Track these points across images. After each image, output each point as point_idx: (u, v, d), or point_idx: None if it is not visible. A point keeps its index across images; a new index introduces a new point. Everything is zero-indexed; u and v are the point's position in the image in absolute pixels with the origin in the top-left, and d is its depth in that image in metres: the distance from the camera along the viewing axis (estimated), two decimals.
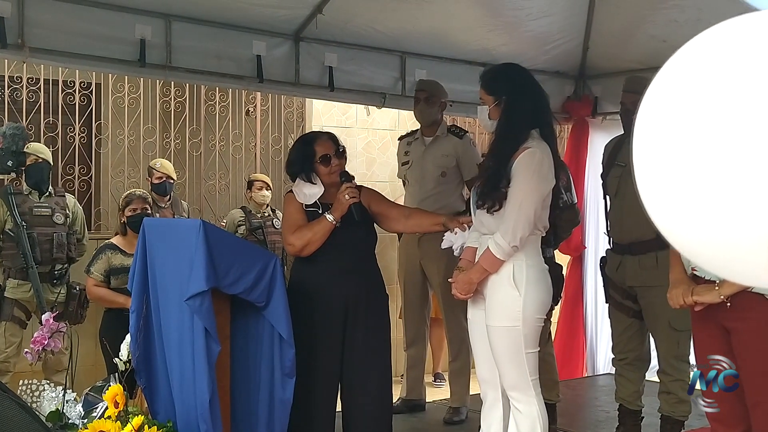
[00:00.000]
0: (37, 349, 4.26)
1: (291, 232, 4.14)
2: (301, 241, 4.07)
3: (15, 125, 5.28)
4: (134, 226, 5.14)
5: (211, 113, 7.69)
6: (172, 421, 3.61)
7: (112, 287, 5.16)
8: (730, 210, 0.83)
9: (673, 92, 0.89)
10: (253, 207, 7.05)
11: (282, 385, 3.73)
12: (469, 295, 3.65)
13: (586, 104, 6.96)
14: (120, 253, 5.18)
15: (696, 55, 0.88)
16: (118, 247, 5.21)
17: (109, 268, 5.16)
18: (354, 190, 4.04)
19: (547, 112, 3.73)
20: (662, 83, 0.91)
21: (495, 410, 3.72)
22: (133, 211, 5.21)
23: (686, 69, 0.88)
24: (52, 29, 4.80)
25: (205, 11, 5.28)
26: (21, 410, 3.88)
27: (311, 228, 4.06)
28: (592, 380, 7.00)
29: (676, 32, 5.90)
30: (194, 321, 3.51)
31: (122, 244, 5.23)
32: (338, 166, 4.14)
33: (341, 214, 4.03)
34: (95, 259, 5.22)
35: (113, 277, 5.15)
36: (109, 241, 5.31)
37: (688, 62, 0.89)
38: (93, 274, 5.17)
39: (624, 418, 4.79)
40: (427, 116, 5.63)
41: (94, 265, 5.19)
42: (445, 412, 5.58)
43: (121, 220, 5.29)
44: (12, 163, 5.20)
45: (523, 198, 3.46)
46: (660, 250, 4.32)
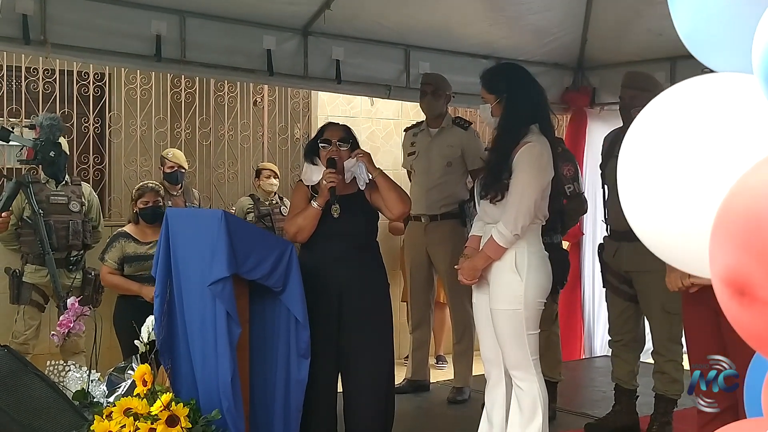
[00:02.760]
0: (63, 332, 4.47)
1: (288, 218, 4.39)
2: (293, 227, 4.26)
3: (51, 116, 5.35)
4: (146, 217, 5.38)
5: (220, 104, 7.88)
6: (195, 399, 3.80)
7: (126, 274, 5.32)
8: (679, 214, 1.08)
9: (649, 133, 1.14)
10: (262, 195, 7.24)
11: (298, 366, 3.93)
12: (474, 281, 3.87)
13: (584, 95, 7.13)
14: (133, 241, 5.34)
15: (664, 105, 1.12)
16: (132, 236, 5.36)
17: (123, 255, 5.31)
18: (332, 174, 4.14)
19: (545, 108, 3.96)
20: (640, 126, 1.16)
21: (498, 388, 3.94)
22: (145, 204, 5.37)
23: (656, 116, 1.12)
24: (72, 26, 5.00)
25: (217, 7, 5.47)
26: (50, 389, 4.12)
27: (301, 214, 4.24)
28: (590, 362, 7.21)
29: (671, 26, 6.05)
30: (216, 305, 3.70)
31: (135, 232, 5.39)
32: (332, 151, 4.25)
33: (324, 200, 4.17)
34: (109, 247, 5.38)
35: (127, 265, 5.31)
36: (123, 229, 5.46)
37: (658, 110, 1.13)
38: (107, 262, 5.34)
39: (620, 397, 4.98)
40: (434, 108, 5.82)
41: (108, 253, 5.35)
42: (448, 392, 5.79)
43: (134, 210, 5.45)
44: (54, 154, 5.32)
45: (524, 189, 3.69)
46: None
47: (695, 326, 3.41)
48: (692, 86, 1.10)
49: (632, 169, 1.18)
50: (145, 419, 3.50)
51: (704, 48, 1.09)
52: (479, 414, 5.03)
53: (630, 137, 1.17)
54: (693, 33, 1.11)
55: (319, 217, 4.20)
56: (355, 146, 4.34)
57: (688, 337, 3.49)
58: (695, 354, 3.46)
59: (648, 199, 1.15)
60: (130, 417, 3.53)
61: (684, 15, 1.15)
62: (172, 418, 3.49)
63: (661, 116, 1.12)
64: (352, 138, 4.36)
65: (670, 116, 1.12)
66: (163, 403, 3.43)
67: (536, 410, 3.76)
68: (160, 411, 3.45)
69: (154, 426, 3.48)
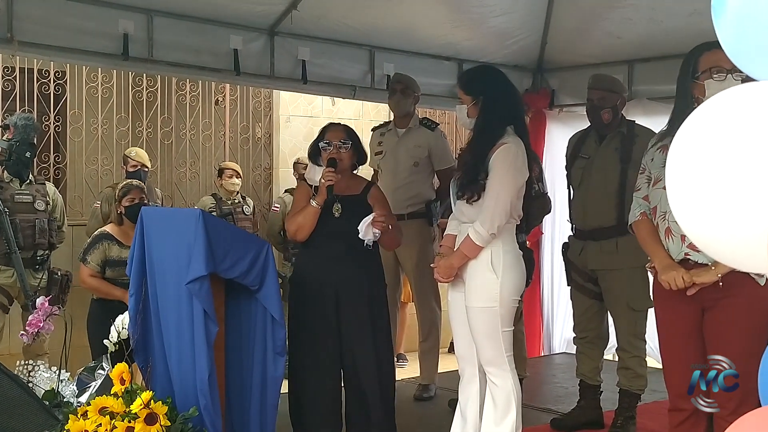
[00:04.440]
0: (32, 332, 4.44)
1: (289, 217, 4.44)
2: (294, 225, 4.34)
3: (25, 116, 5.32)
4: (132, 216, 5.07)
5: (182, 103, 7.87)
6: (171, 397, 3.80)
7: (107, 278, 5.11)
8: (737, 216, 1.16)
9: (697, 139, 1.22)
10: (224, 194, 7.26)
11: (274, 363, 3.95)
12: (450, 279, 3.94)
13: (543, 96, 7.24)
14: (117, 244, 5.12)
15: (713, 110, 1.20)
16: (115, 238, 5.14)
17: (105, 258, 5.09)
18: (331, 174, 4.21)
19: (520, 110, 4.06)
20: (688, 133, 1.24)
21: (472, 384, 3.99)
22: (131, 201, 5.15)
23: (704, 122, 1.20)
24: (39, 23, 4.99)
25: (185, 7, 5.50)
26: (20, 389, 4.09)
27: (301, 213, 4.31)
28: (549, 359, 7.32)
29: (630, 30, 6.25)
30: (193, 304, 3.71)
31: (118, 234, 5.16)
32: (332, 152, 4.33)
33: (322, 198, 4.23)
34: (91, 248, 5.12)
35: (108, 269, 5.10)
36: (105, 230, 5.21)
37: (707, 116, 1.21)
38: (89, 264, 5.09)
39: (584, 392, 5.07)
40: (402, 107, 5.86)
41: (91, 254, 5.10)
42: (414, 390, 5.87)
43: (118, 210, 5.21)
44: (30, 154, 5.25)
45: (500, 189, 3.76)
46: (620, 236, 4.63)
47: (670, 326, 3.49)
48: (739, 93, 1.17)
49: (684, 174, 1.25)
50: (122, 418, 3.50)
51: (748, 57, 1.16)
52: (446, 410, 5.13)
53: (681, 143, 1.23)
54: (737, 43, 1.17)
55: (318, 215, 4.26)
56: (358, 147, 4.42)
57: (663, 335, 3.55)
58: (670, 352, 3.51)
59: (700, 202, 1.22)
60: (106, 416, 3.54)
61: (728, 25, 1.21)
62: (151, 416, 3.50)
63: (712, 122, 1.19)
64: (352, 138, 4.42)
65: (719, 122, 1.19)
66: (143, 401, 3.43)
67: (510, 405, 3.84)
68: (140, 409, 3.46)
69: (132, 424, 3.49)
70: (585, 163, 4.96)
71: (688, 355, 3.36)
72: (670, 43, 6.05)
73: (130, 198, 5.20)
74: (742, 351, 3.09)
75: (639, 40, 6.30)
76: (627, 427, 4.82)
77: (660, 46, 6.21)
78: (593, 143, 4.97)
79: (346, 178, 4.36)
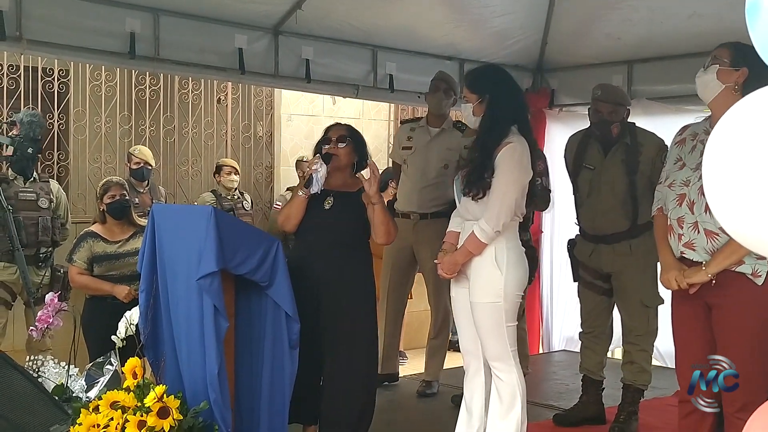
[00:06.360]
0: (41, 327, 4.49)
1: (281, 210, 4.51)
2: (282, 216, 4.43)
3: (31, 112, 5.33)
4: (114, 213, 5.19)
5: (185, 101, 7.92)
6: (181, 392, 3.85)
7: (96, 274, 5.14)
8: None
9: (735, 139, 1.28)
10: (223, 191, 7.34)
11: (290, 358, 4.00)
12: (453, 275, 4.00)
13: (543, 96, 7.28)
14: (102, 240, 5.16)
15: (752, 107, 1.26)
16: (100, 235, 5.18)
17: (92, 255, 5.12)
18: (315, 165, 4.23)
19: (525, 109, 4.12)
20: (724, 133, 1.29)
21: (477, 378, 4.05)
22: (112, 198, 5.18)
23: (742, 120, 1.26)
24: (47, 22, 5.02)
25: (191, 6, 5.54)
26: (30, 384, 4.14)
27: (288, 203, 4.41)
28: (549, 356, 7.37)
29: (629, 30, 6.32)
30: (204, 299, 3.76)
31: (103, 232, 5.20)
32: (330, 148, 4.37)
33: (304, 184, 4.26)
34: (77, 247, 5.18)
35: (96, 265, 5.13)
36: (89, 229, 5.26)
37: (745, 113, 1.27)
38: (76, 263, 5.14)
39: (587, 388, 5.12)
40: (442, 106, 5.77)
41: (76, 253, 5.16)
42: (418, 386, 5.90)
43: (100, 208, 5.24)
44: (32, 150, 5.27)
45: (506, 188, 3.82)
46: (632, 239, 4.74)
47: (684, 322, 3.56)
48: None
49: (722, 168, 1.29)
50: (134, 411, 3.55)
51: None
52: (449, 406, 5.19)
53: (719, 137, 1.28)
54: None
55: (305, 205, 4.29)
56: (359, 145, 4.45)
57: (677, 333, 3.62)
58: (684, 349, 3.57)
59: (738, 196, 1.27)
60: (118, 410, 3.59)
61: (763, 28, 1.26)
62: (164, 410, 3.55)
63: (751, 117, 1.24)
64: (352, 136, 4.46)
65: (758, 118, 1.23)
66: (157, 395, 3.49)
67: (515, 399, 3.90)
68: (153, 403, 3.51)
69: (144, 418, 3.54)
70: (592, 175, 4.93)
71: (699, 349, 3.43)
72: (670, 44, 6.14)
73: (110, 195, 5.21)
74: (747, 350, 3.17)
75: (639, 41, 6.36)
76: (630, 423, 4.87)
77: (660, 46, 6.29)
78: (597, 153, 4.93)
79: (343, 176, 4.38)
